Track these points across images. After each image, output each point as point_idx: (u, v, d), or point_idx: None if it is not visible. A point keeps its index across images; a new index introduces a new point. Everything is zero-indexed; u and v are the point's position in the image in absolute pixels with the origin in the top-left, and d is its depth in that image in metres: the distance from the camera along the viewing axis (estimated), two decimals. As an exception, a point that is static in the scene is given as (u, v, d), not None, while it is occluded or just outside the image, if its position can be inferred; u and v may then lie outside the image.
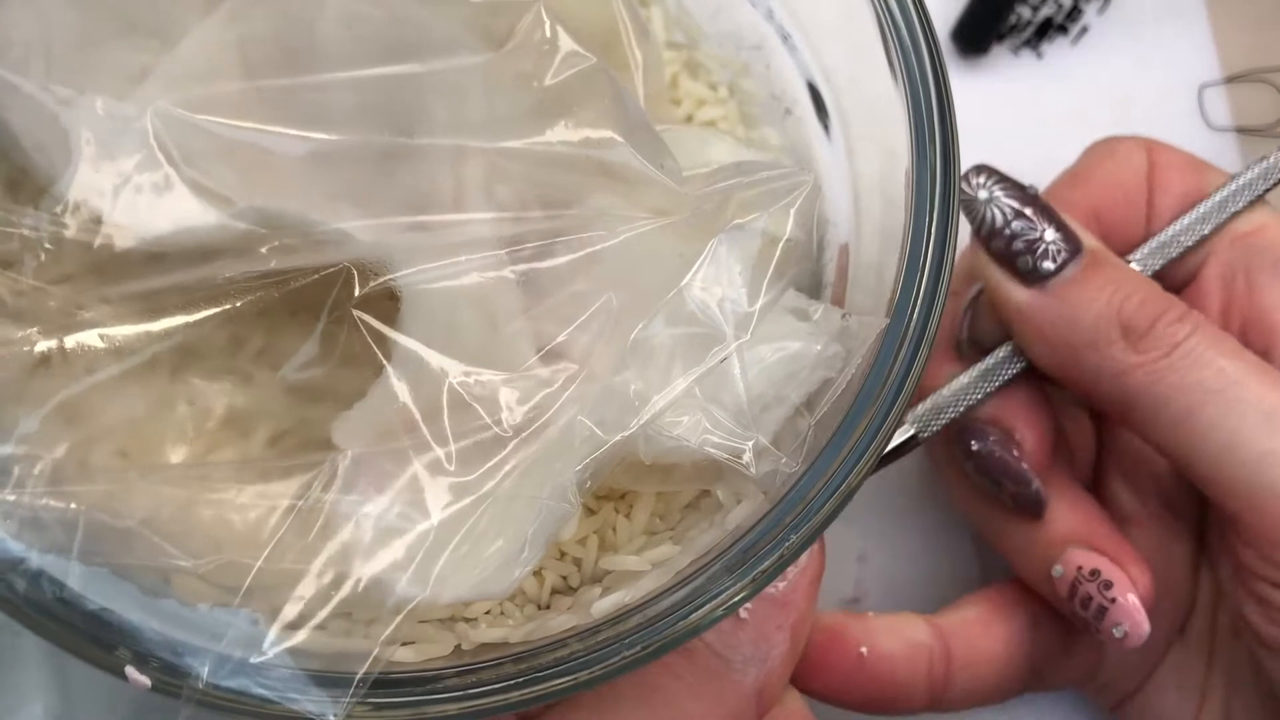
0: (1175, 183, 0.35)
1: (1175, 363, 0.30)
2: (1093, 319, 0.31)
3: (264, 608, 0.24)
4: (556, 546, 0.29)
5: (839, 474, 0.25)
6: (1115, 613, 0.31)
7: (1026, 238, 0.31)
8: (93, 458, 0.25)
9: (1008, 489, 0.33)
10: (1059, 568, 0.32)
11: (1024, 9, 0.43)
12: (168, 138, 0.24)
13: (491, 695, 0.24)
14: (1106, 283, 0.31)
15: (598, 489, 0.29)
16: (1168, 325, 0.30)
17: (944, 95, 0.28)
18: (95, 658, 0.24)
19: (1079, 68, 0.42)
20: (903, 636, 0.33)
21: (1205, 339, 0.30)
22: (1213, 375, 0.30)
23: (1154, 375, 0.30)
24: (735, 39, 0.34)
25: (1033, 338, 0.32)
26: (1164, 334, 0.30)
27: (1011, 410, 0.33)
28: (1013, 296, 0.32)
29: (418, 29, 0.25)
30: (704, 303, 0.26)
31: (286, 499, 0.24)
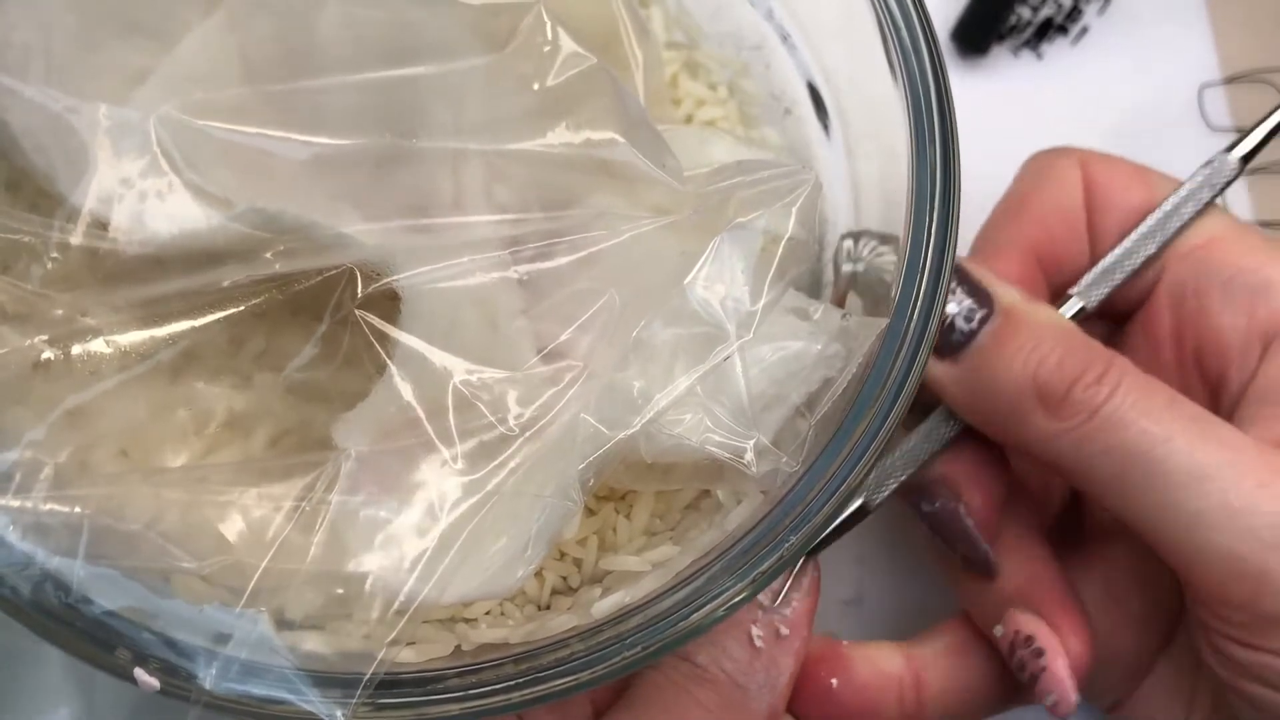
0: (1116, 200, 0.33)
1: (1097, 427, 0.29)
2: (1009, 388, 0.29)
3: (268, 608, 0.24)
4: (557, 547, 0.29)
5: (839, 475, 0.25)
6: (1045, 681, 0.31)
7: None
8: (96, 461, 0.25)
9: (959, 550, 0.32)
10: (999, 628, 0.32)
11: (1024, 9, 0.43)
12: (170, 143, 0.24)
13: (492, 696, 0.24)
14: (1021, 346, 0.30)
15: (598, 489, 0.29)
16: (1085, 389, 0.29)
17: (944, 95, 0.28)
18: (102, 661, 0.24)
19: (1079, 68, 0.42)
20: (875, 666, 0.33)
21: (1128, 398, 0.29)
22: (1136, 437, 0.28)
23: (1077, 441, 0.29)
24: (735, 39, 0.34)
25: (957, 408, 0.31)
26: (1082, 399, 0.29)
27: (959, 470, 0.32)
28: (931, 369, 0.31)
29: (418, 31, 0.25)
30: (706, 301, 0.26)
31: (290, 500, 0.24)
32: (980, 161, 0.41)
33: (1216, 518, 0.28)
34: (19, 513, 0.23)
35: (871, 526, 0.39)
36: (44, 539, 0.23)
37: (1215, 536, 0.28)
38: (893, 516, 0.39)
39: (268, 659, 0.23)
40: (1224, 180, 0.32)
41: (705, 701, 0.28)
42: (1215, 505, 0.28)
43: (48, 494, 0.23)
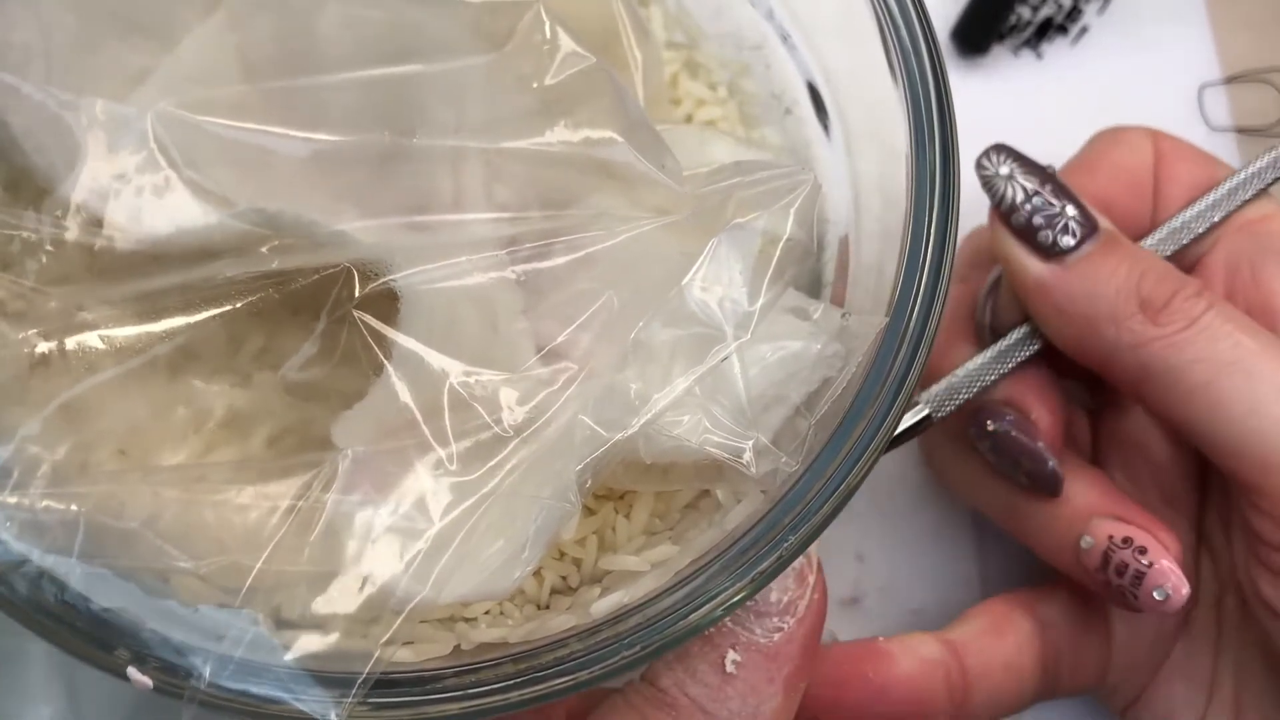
0: (1182, 173, 0.35)
1: (1194, 336, 0.30)
2: (1112, 293, 0.31)
3: (264, 608, 0.24)
4: (556, 546, 0.29)
5: (838, 474, 0.25)
6: (1154, 576, 0.31)
7: (1046, 213, 0.32)
8: (93, 459, 0.25)
9: (1024, 468, 0.33)
10: (1088, 538, 0.32)
11: (1024, 9, 0.43)
12: (168, 139, 0.24)
13: (491, 695, 0.24)
14: (1124, 259, 0.31)
15: (597, 489, 0.29)
16: (1185, 300, 0.31)
17: (944, 95, 0.28)
18: (97, 659, 0.24)
19: (1079, 68, 0.42)
20: (917, 655, 0.33)
21: (1222, 314, 0.31)
22: (1230, 348, 0.30)
23: (1173, 347, 0.30)
24: (735, 39, 0.34)
25: (1051, 312, 0.32)
26: (1182, 308, 0.31)
27: (1026, 391, 0.34)
28: (1031, 271, 0.32)
29: (417, 30, 0.25)
30: (704, 302, 0.26)
31: (287, 499, 0.24)
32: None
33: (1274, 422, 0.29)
34: (15, 509, 0.23)
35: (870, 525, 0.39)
36: (40, 536, 0.23)
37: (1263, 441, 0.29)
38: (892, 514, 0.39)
39: (264, 658, 0.23)
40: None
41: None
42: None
43: (45, 491, 0.23)
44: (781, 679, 0.26)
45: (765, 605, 0.27)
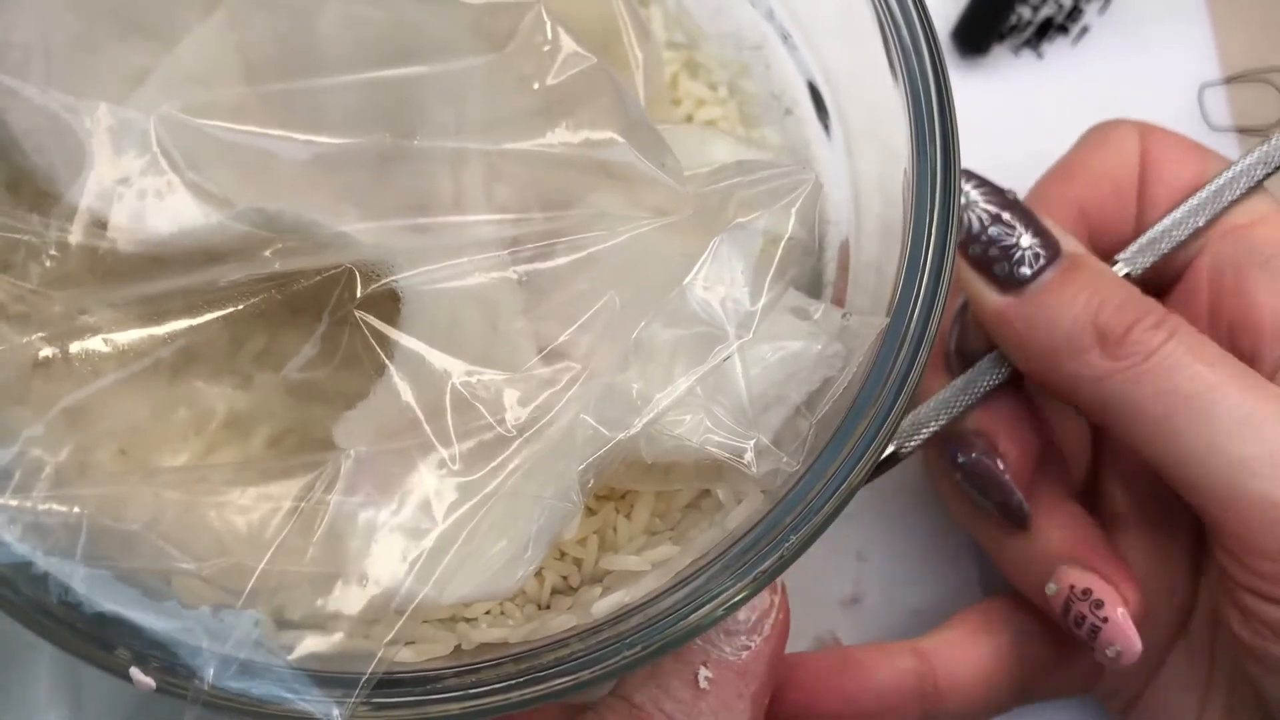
0: (1170, 172, 0.34)
1: (1151, 368, 0.29)
2: (1068, 325, 0.30)
3: (267, 609, 0.24)
4: (557, 546, 0.29)
5: (839, 474, 0.25)
6: (1108, 632, 0.31)
7: (1002, 244, 0.31)
8: (95, 460, 0.25)
9: (993, 499, 0.33)
10: (1053, 585, 0.32)
11: (1024, 9, 0.43)
12: (170, 142, 0.24)
13: (492, 695, 0.24)
14: (1083, 287, 0.31)
15: (598, 489, 0.29)
16: (1144, 331, 0.30)
17: (944, 95, 0.28)
18: (100, 660, 0.24)
19: (1079, 68, 0.42)
20: (890, 666, 0.33)
21: (1182, 344, 0.30)
22: (1188, 381, 0.29)
23: (1130, 381, 0.29)
24: (735, 39, 0.34)
25: (1011, 344, 0.32)
26: (1140, 339, 0.30)
27: (995, 422, 0.33)
28: (989, 303, 0.32)
29: (418, 31, 0.25)
30: (706, 302, 0.26)
31: (289, 500, 0.24)
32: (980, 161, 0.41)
33: (1261, 465, 0.28)
34: (18, 512, 0.23)
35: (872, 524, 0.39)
36: (43, 538, 0.23)
37: (1257, 483, 0.28)
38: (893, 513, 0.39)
39: (266, 659, 0.23)
40: (1278, 161, 0.33)
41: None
42: (1262, 452, 0.28)
43: (47, 493, 0.23)
44: (750, 694, 0.27)
45: (734, 624, 0.27)
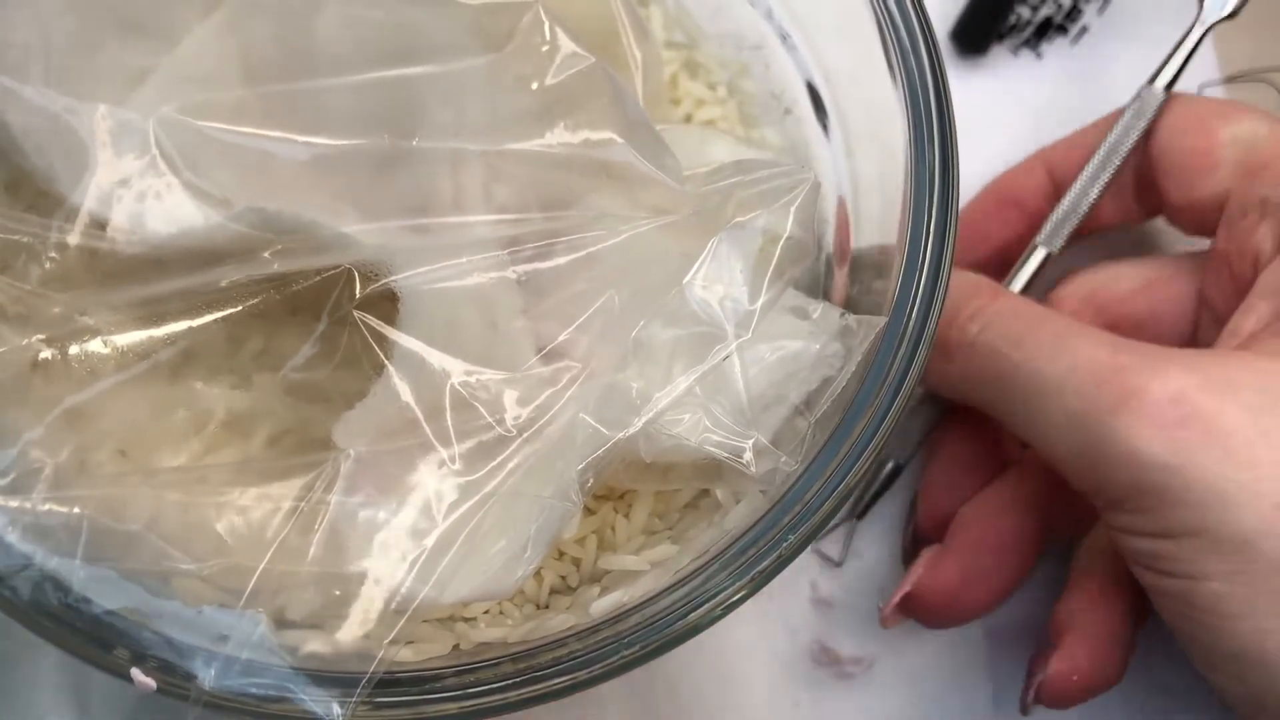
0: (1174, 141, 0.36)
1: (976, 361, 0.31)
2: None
3: (267, 609, 0.24)
4: (556, 546, 0.29)
5: (837, 474, 0.25)
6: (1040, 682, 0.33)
7: None
8: (95, 461, 0.25)
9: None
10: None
11: (1023, 9, 0.43)
12: (169, 144, 0.24)
13: (490, 695, 0.24)
14: None
15: (598, 489, 0.29)
16: (958, 329, 0.32)
17: (943, 95, 0.28)
18: (100, 661, 0.24)
19: (1079, 68, 0.42)
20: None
21: (996, 327, 0.31)
22: (1000, 362, 0.31)
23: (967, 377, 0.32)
24: (735, 39, 0.34)
25: None
26: (958, 338, 0.32)
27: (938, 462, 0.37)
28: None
29: (417, 31, 0.25)
30: (705, 301, 0.26)
31: (289, 500, 0.24)
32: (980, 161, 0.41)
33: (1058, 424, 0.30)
34: (18, 513, 0.23)
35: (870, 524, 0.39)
36: (43, 539, 0.23)
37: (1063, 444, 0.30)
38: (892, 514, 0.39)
39: (267, 659, 0.23)
40: (1153, 110, 0.36)
41: None
42: (1057, 416, 0.30)
43: (47, 494, 0.23)
44: None
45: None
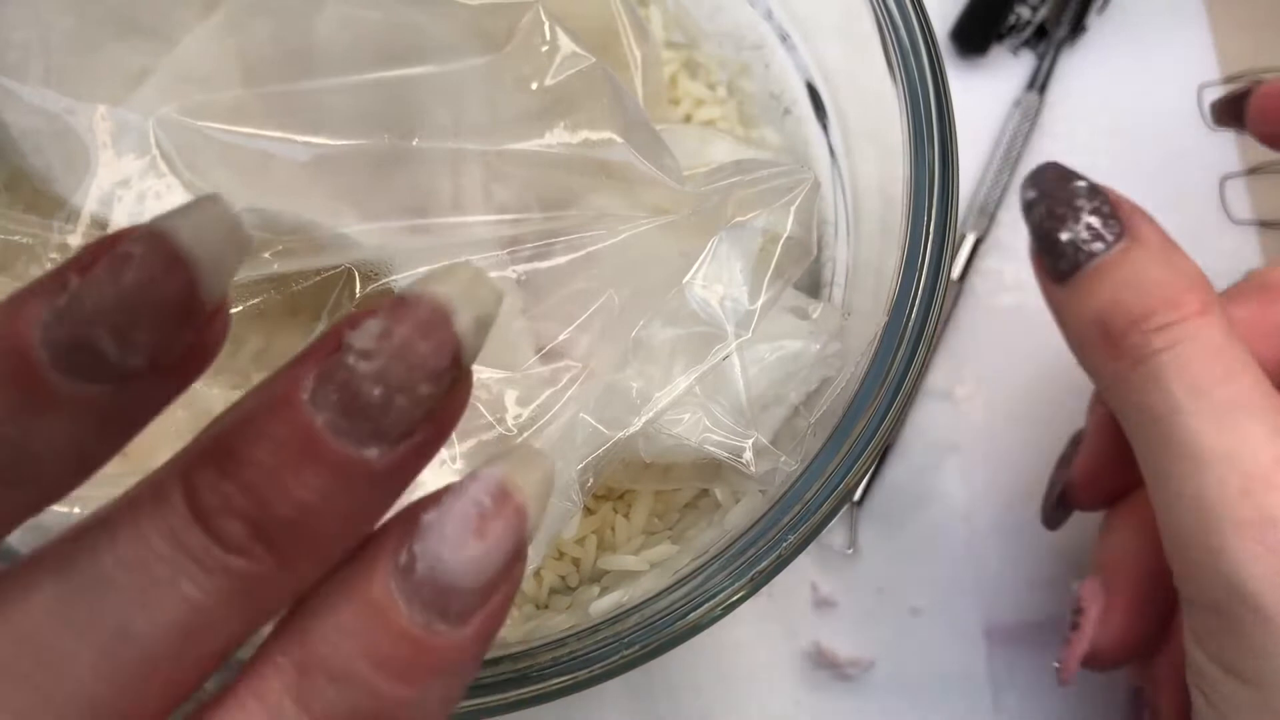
0: None
1: (1139, 379, 0.26)
2: (1080, 318, 0.27)
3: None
4: (555, 546, 0.29)
5: (837, 474, 0.25)
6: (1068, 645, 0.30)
7: (1052, 235, 0.29)
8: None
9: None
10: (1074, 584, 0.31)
11: (1023, 9, 0.43)
12: (169, 144, 0.24)
13: (490, 694, 0.24)
14: (1116, 279, 0.27)
15: (597, 488, 0.29)
16: (1141, 334, 0.26)
17: (943, 95, 0.28)
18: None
19: (1079, 68, 0.42)
20: None
21: (1180, 357, 0.26)
22: (1161, 399, 0.26)
23: (1120, 387, 0.27)
24: (734, 39, 0.34)
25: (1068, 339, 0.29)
26: (1135, 344, 0.26)
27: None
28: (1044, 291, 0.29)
29: (416, 32, 0.25)
30: (705, 301, 0.26)
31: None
32: (980, 160, 0.41)
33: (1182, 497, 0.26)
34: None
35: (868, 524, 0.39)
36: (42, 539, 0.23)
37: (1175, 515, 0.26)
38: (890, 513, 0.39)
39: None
40: (1035, 112, 0.41)
41: None
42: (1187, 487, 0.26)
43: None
44: None
45: None
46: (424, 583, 0.15)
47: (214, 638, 0.15)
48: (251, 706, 0.15)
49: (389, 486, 0.15)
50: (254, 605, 0.15)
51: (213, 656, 0.15)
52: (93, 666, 0.14)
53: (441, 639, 0.15)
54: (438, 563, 0.15)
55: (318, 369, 0.15)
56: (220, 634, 0.15)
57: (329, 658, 0.15)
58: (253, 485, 0.14)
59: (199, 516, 0.14)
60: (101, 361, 0.14)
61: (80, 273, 0.14)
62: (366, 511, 0.15)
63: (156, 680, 0.15)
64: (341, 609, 0.15)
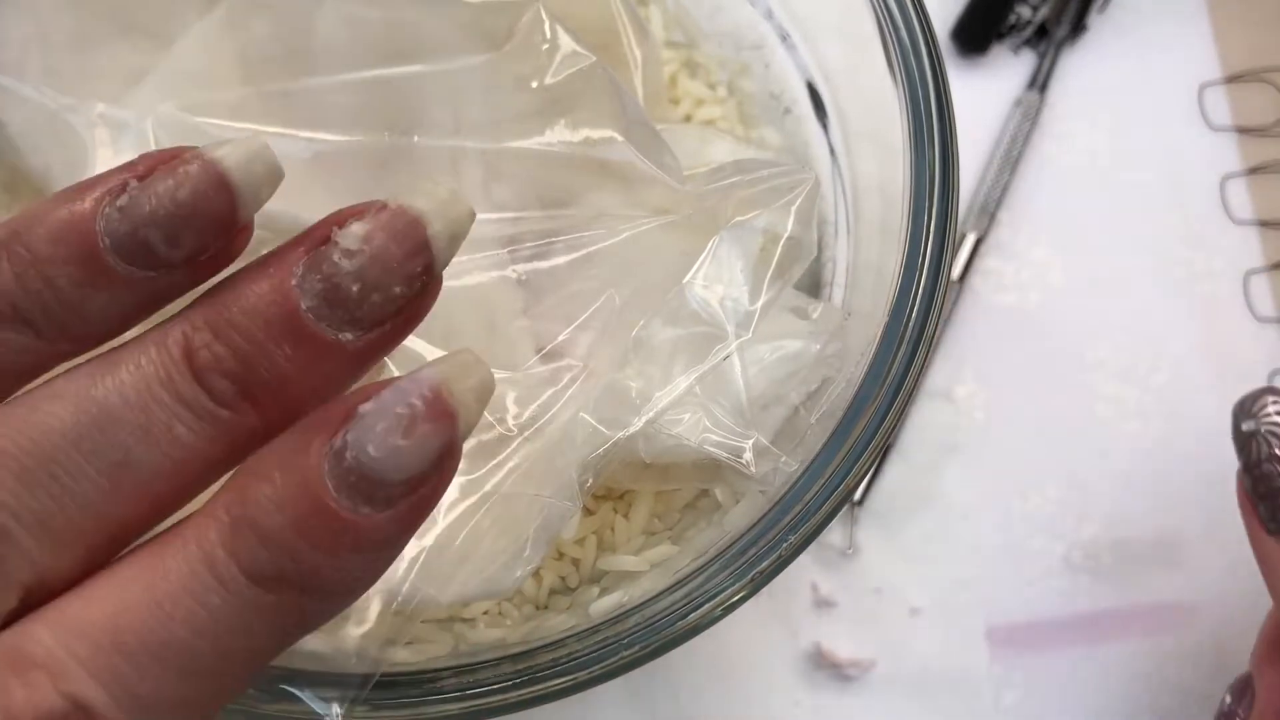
0: None
1: None
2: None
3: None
4: (555, 546, 0.29)
5: (837, 474, 0.25)
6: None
7: (1273, 485, 0.28)
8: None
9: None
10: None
11: (1024, 9, 0.42)
12: (168, 141, 0.24)
13: (490, 695, 0.24)
14: None
15: (597, 489, 0.29)
16: None
17: (943, 95, 0.27)
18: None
19: (1079, 68, 0.42)
20: None
21: None
22: None
23: None
24: (734, 38, 0.34)
25: (1267, 581, 0.29)
26: None
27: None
28: (1252, 533, 0.29)
29: (416, 30, 0.25)
30: (705, 300, 0.26)
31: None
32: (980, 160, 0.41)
33: None
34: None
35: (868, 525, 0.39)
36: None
37: None
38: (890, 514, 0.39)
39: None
40: (1035, 111, 0.41)
41: None
42: None
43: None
44: None
45: None
46: (351, 470, 0.17)
47: (197, 471, 0.17)
48: (191, 548, 0.17)
49: (357, 364, 0.18)
50: (230, 446, 0.17)
51: (194, 485, 0.18)
52: (97, 484, 0.17)
53: (365, 520, 0.17)
54: (364, 454, 0.17)
55: (307, 257, 0.17)
56: (203, 468, 0.17)
57: (260, 520, 0.17)
58: (242, 352, 0.17)
59: (195, 372, 0.17)
60: (151, 253, 0.17)
61: (139, 179, 0.17)
62: (335, 383, 0.18)
63: (147, 500, 0.17)
64: (278, 479, 0.17)
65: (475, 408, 0.18)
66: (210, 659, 0.17)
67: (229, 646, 0.17)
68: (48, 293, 0.17)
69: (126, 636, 0.16)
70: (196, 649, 0.17)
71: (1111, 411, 0.39)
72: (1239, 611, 0.38)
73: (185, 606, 0.17)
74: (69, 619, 0.16)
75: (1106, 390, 0.40)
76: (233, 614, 0.17)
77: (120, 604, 0.17)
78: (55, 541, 0.17)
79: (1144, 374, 0.40)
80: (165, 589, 0.17)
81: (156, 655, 0.16)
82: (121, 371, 0.17)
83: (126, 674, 0.16)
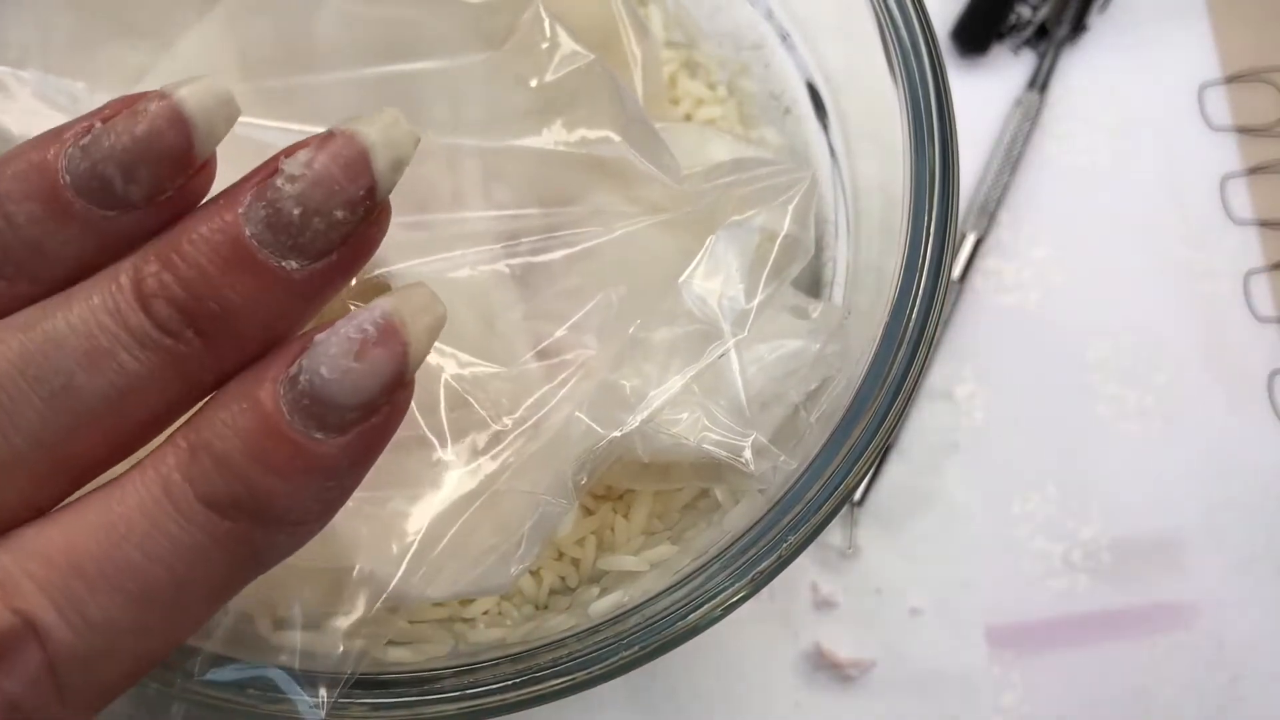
0: None
1: None
2: None
3: (256, 605, 0.24)
4: (555, 546, 0.29)
5: (837, 474, 0.25)
6: None
7: None
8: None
9: None
10: None
11: (1024, 9, 0.42)
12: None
13: (489, 695, 0.24)
14: None
15: (596, 489, 0.29)
16: None
17: (943, 95, 0.27)
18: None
19: (1079, 68, 0.42)
20: None
21: None
22: None
23: None
24: (734, 38, 0.34)
25: None
26: None
27: None
28: None
29: (416, 28, 0.25)
30: (702, 299, 0.26)
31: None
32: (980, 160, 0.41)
33: None
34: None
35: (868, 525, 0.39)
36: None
37: None
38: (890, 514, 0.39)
39: (255, 656, 0.23)
40: (1035, 111, 0.41)
41: None
42: None
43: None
44: None
45: None
46: (305, 394, 0.17)
47: (146, 405, 0.17)
48: (150, 475, 0.17)
49: (306, 298, 0.18)
50: (182, 381, 0.17)
51: (147, 424, 0.18)
52: (40, 411, 0.17)
53: (318, 445, 0.17)
54: (317, 377, 0.17)
55: (255, 189, 0.17)
56: (152, 403, 0.17)
57: (215, 446, 0.17)
58: (188, 280, 0.17)
59: (140, 300, 0.17)
60: (110, 190, 0.17)
61: (103, 120, 0.17)
62: (284, 318, 0.18)
63: (95, 430, 0.17)
64: (234, 406, 0.17)
65: (425, 341, 0.18)
66: (166, 587, 0.17)
67: (185, 575, 0.17)
68: (8, 231, 0.17)
69: (82, 559, 0.17)
70: (152, 575, 0.17)
71: (1111, 411, 0.39)
72: (1239, 611, 0.38)
73: (142, 531, 0.17)
74: (26, 541, 0.17)
75: (1106, 390, 0.40)
76: (189, 541, 0.17)
77: (78, 529, 0.17)
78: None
79: (1144, 374, 0.40)
80: (122, 513, 0.17)
81: (111, 579, 0.17)
82: (73, 304, 0.17)
83: (80, 595, 0.17)
